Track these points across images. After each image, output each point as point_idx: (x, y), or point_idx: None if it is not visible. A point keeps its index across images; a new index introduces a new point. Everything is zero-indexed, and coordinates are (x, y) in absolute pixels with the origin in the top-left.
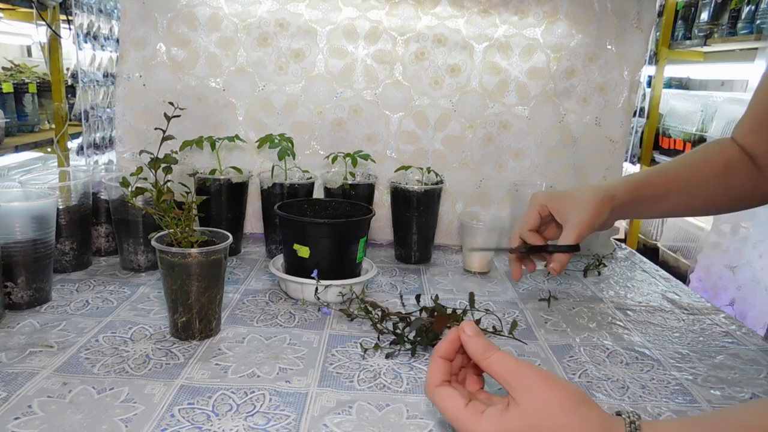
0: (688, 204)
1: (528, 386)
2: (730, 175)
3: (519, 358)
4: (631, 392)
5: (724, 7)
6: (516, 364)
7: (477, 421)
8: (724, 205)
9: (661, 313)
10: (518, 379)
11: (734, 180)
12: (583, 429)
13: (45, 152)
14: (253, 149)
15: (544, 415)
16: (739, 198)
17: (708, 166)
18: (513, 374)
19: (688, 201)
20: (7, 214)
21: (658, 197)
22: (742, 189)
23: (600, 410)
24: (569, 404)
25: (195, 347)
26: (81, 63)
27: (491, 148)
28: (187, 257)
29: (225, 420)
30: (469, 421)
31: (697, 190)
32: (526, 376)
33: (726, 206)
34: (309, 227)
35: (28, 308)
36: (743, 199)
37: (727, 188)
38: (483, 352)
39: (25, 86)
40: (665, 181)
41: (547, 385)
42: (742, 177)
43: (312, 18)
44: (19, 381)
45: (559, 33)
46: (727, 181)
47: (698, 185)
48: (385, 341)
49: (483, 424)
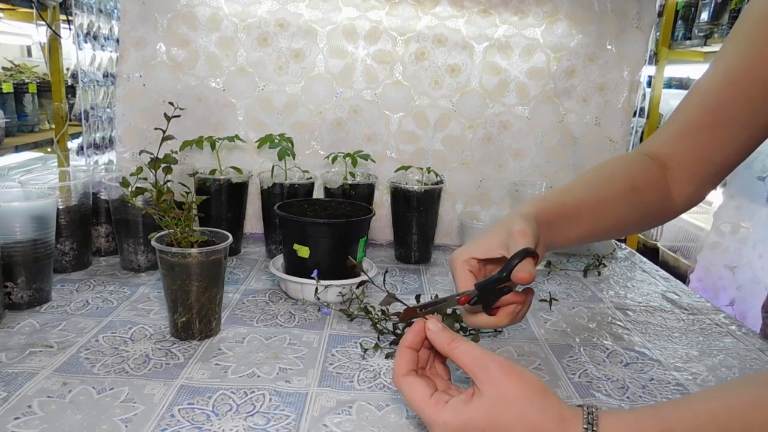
0: (600, 225)
1: (491, 377)
2: (638, 193)
3: (485, 349)
4: (631, 392)
5: (724, 7)
6: (481, 355)
7: (439, 411)
8: (633, 224)
9: (661, 313)
10: (482, 369)
11: (643, 197)
12: (541, 419)
13: (45, 152)
14: (253, 149)
15: (503, 405)
16: (648, 215)
17: (615, 185)
18: (477, 364)
19: (599, 222)
20: (7, 214)
21: (570, 218)
22: (651, 207)
23: (559, 401)
24: (528, 395)
25: (195, 347)
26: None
27: (491, 148)
28: (187, 257)
29: (225, 420)
30: (432, 410)
31: (607, 211)
32: (489, 367)
33: (635, 225)
34: (309, 227)
35: (28, 308)
36: (652, 216)
37: (636, 206)
38: (449, 343)
39: (25, 86)
40: (574, 202)
41: (507, 376)
42: (651, 194)
43: (312, 18)
44: (19, 381)
45: (559, 33)
46: (636, 199)
47: (607, 205)
48: (385, 341)
49: (444, 414)
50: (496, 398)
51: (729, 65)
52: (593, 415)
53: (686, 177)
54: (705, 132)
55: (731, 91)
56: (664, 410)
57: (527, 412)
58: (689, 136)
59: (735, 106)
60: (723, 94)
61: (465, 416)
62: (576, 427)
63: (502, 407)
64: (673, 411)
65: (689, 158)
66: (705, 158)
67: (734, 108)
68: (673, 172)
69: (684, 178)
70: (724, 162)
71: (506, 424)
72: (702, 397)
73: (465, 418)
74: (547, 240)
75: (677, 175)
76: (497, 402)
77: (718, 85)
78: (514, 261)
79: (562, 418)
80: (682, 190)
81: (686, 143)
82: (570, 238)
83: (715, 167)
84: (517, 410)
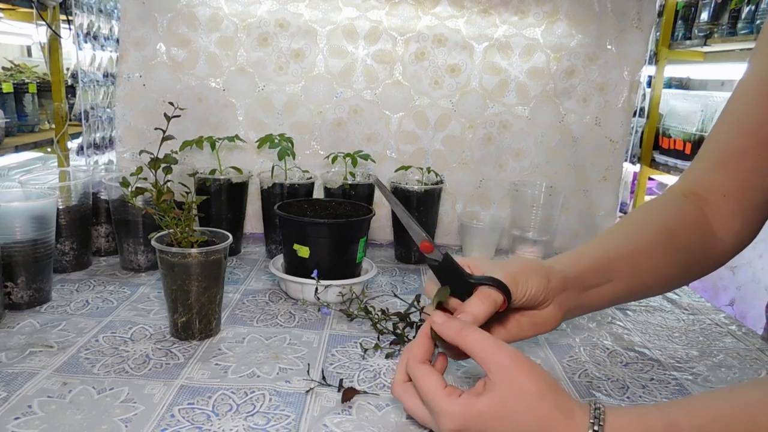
0: (639, 280)
1: (503, 368)
2: (675, 236)
3: (496, 338)
4: (631, 392)
5: (724, 7)
6: (493, 345)
7: (452, 402)
8: (677, 275)
9: (661, 313)
10: (494, 359)
11: (681, 240)
12: (551, 414)
13: (45, 152)
14: (253, 149)
15: (515, 398)
16: (691, 261)
17: (647, 232)
18: (490, 354)
19: (636, 276)
20: (7, 214)
21: (601, 273)
22: (693, 251)
23: (569, 397)
24: (540, 389)
25: (195, 347)
26: (81, 63)
27: (491, 148)
28: (187, 257)
29: (225, 420)
30: (445, 401)
31: (644, 262)
32: (501, 357)
33: (680, 275)
34: (309, 227)
35: (28, 308)
36: (697, 261)
37: (675, 252)
38: (459, 332)
39: (25, 86)
40: (604, 254)
41: (520, 368)
42: (690, 236)
43: (312, 18)
44: (19, 381)
45: (559, 33)
46: (673, 243)
47: (642, 255)
48: (385, 341)
49: (455, 405)
50: (508, 390)
51: (764, 78)
52: (600, 410)
53: (732, 210)
54: (748, 156)
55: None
56: (670, 408)
57: (539, 406)
58: (731, 164)
59: None
60: (762, 111)
61: (476, 408)
62: (583, 422)
63: (515, 400)
64: (678, 408)
65: (733, 187)
66: (751, 185)
67: None
68: (716, 206)
69: (729, 212)
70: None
71: (517, 418)
72: (708, 396)
73: (476, 411)
74: (575, 300)
75: (721, 210)
76: (510, 395)
77: (754, 102)
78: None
79: (571, 414)
80: (729, 227)
81: (728, 172)
82: (605, 297)
83: (763, 193)
84: (529, 404)
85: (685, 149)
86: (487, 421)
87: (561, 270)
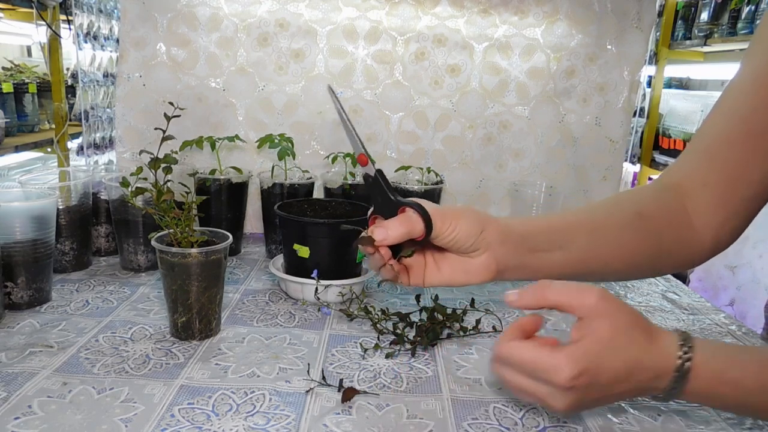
0: (598, 253)
1: (592, 308)
2: (646, 219)
3: (577, 284)
4: None
5: (724, 7)
6: (576, 291)
7: (556, 354)
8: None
9: (661, 313)
10: (582, 302)
11: (652, 224)
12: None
13: (45, 152)
14: (253, 149)
15: (614, 332)
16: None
17: (616, 210)
18: (575, 300)
19: (595, 248)
20: (7, 214)
21: (554, 238)
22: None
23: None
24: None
25: (195, 347)
26: (81, 63)
27: (491, 148)
28: (187, 257)
29: (225, 420)
30: (549, 356)
31: (606, 236)
32: (587, 300)
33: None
34: (309, 227)
35: (28, 308)
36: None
37: (645, 234)
38: (540, 294)
39: (25, 86)
40: (562, 221)
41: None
42: (663, 222)
43: (312, 18)
44: (19, 381)
45: (559, 33)
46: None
47: (605, 229)
48: (385, 341)
49: (561, 355)
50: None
51: (757, 68)
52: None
53: (712, 201)
54: (736, 147)
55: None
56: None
57: (636, 337)
58: (715, 154)
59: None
60: (754, 100)
61: (583, 350)
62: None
63: (614, 334)
64: None
65: (716, 178)
66: (737, 177)
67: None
68: (696, 197)
69: (709, 203)
70: (763, 180)
71: (621, 348)
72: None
73: (582, 352)
74: (516, 258)
75: (701, 200)
76: (609, 330)
77: (745, 95)
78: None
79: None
80: (709, 220)
81: (711, 161)
82: (555, 264)
83: (751, 187)
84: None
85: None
86: (595, 359)
87: (505, 224)
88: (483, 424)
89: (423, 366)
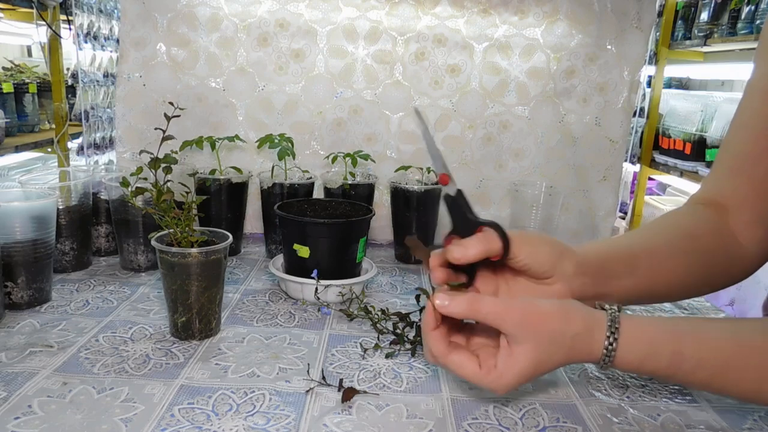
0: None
1: (518, 323)
2: (695, 239)
3: (500, 301)
4: (631, 392)
5: (724, 7)
6: (502, 308)
7: (496, 377)
8: (700, 278)
9: (661, 312)
10: (509, 320)
11: (701, 243)
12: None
13: (45, 152)
14: (253, 149)
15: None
16: (715, 266)
17: (668, 233)
18: (502, 319)
19: (658, 273)
20: (7, 214)
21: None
22: (715, 255)
23: (582, 314)
24: (559, 327)
25: (195, 347)
26: (81, 63)
27: (491, 148)
28: (187, 257)
29: (225, 420)
30: (489, 379)
31: (664, 259)
32: (513, 315)
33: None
34: (309, 227)
35: (28, 308)
36: (721, 267)
37: (696, 254)
38: (470, 310)
39: (25, 86)
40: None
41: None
42: (711, 240)
43: (312, 18)
44: (19, 381)
45: (559, 33)
46: (693, 245)
47: (662, 253)
48: (385, 341)
49: (504, 379)
50: (533, 341)
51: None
52: (616, 322)
53: (751, 218)
54: (760, 163)
55: None
56: (681, 333)
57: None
58: (744, 170)
59: None
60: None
61: (517, 368)
62: (600, 340)
63: (542, 345)
64: (688, 335)
65: (749, 195)
66: (766, 192)
67: None
68: (735, 214)
69: (748, 220)
70: None
71: (549, 357)
72: (717, 327)
73: (518, 370)
74: (595, 289)
75: (740, 217)
76: (535, 343)
77: (759, 105)
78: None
79: (591, 333)
80: (752, 234)
81: (742, 178)
82: (626, 290)
83: None
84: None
85: (685, 149)
86: (530, 371)
87: (582, 256)
88: (483, 424)
89: (423, 366)
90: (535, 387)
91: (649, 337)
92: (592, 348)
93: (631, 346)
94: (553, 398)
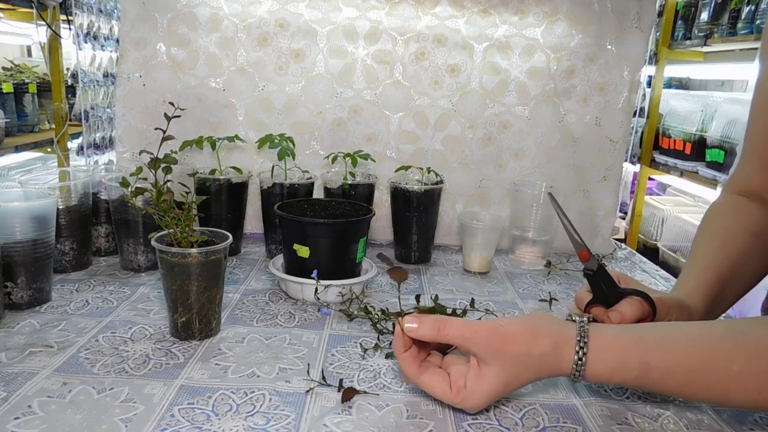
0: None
1: (484, 345)
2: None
3: (467, 322)
4: (631, 392)
5: (724, 7)
6: (468, 331)
7: (465, 397)
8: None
9: None
10: (474, 342)
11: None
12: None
13: (45, 152)
14: (253, 149)
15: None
16: None
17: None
18: (468, 341)
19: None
20: (7, 214)
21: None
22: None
23: (550, 333)
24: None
25: (195, 347)
26: (81, 63)
27: (491, 148)
28: (187, 257)
29: (225, 420)
30: (458, 399)
31: (744, 268)
32: (478, 337)
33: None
34: (309, 227)
35: (28, 308)
36: None
37: (762, 252)
38: (437, 334)
39: (25, 86)
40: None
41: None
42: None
43: (312, 18)
44: (19, 381)
45: (559, 33)
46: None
47: (742, 263)
48: (385, 341)
49: (473, 399)
50: (500, 362)
51: None
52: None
53: None
54: None
55: None
56: (649, 343)
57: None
58: None
59: None
60: None
61: (485, 388)
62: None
63: (509, 366)
64: (655, 344)
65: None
66: None
67: None
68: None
69: None
70: None
71: (517, 377)
72: (684, 336)
73: (486, 390)
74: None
75: None
76: (502, 364)
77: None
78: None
79: (560, 353)
80: None
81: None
82: (719, 313)
83: None
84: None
85: (685, 149)
86: (498, 390)
87: (696, 311)
88: (483, 424)
89: None
90: (535, 387)
91: (617, 350)
92: (560, 365)
93: (600, 359)
94: (553, 399)
